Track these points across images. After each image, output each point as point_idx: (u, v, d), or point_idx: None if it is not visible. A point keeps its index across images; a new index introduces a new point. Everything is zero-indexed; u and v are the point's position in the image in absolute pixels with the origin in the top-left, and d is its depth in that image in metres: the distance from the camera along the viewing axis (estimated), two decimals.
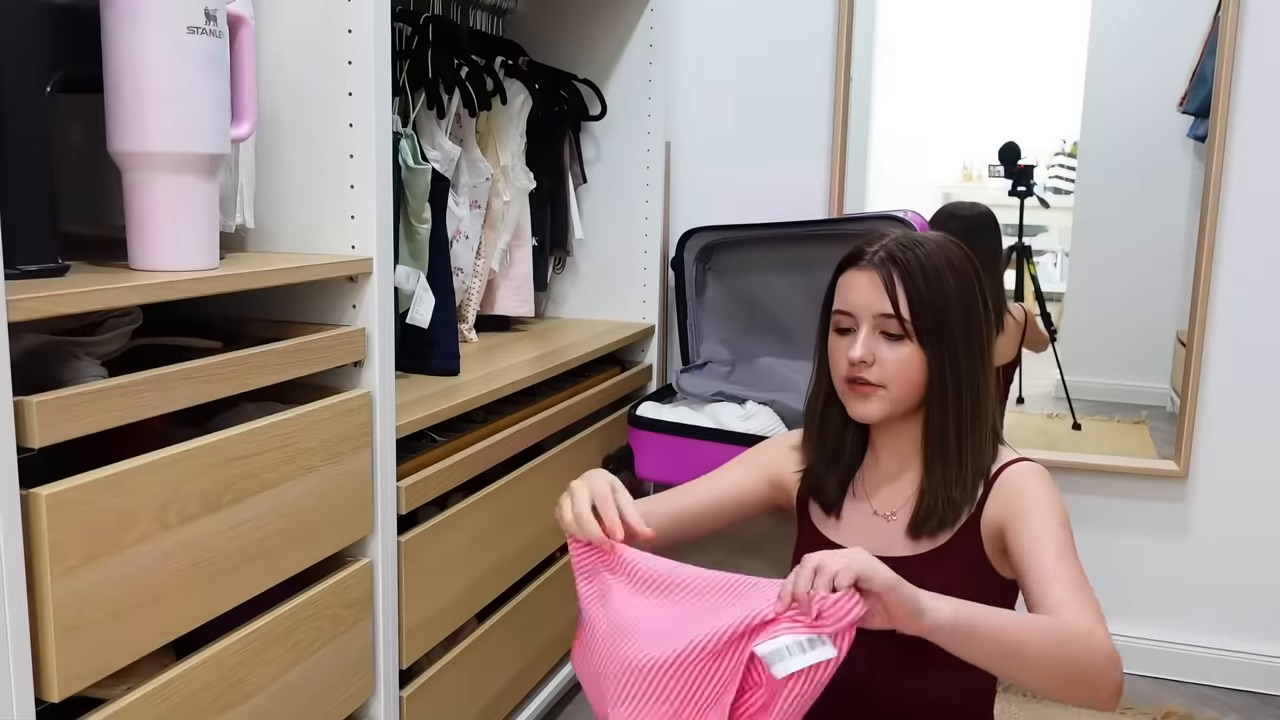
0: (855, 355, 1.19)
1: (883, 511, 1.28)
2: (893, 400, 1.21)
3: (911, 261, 1.19)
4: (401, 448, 1.42)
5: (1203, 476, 2.21)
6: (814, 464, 1.34)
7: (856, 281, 1.21)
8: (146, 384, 1.01)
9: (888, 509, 1.28)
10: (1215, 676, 2.24)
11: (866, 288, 1.20)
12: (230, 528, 1.11)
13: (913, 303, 1.18)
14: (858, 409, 1.23)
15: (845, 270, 1.24)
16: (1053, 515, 1.20)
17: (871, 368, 1.20)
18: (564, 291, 2.39)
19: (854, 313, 1.21)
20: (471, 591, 1.60)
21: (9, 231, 0.95)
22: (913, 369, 1.20)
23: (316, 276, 1.25)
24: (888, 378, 1.20)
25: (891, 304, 1.19)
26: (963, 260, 1.22)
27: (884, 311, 1.19)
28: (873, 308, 1.20)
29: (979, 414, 1.23)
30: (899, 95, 2.38)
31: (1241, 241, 2.12)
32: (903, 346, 1.19)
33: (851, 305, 1.21)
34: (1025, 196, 2.32)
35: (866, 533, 1.29)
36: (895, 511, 1.27)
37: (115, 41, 1.05)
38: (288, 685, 1.22)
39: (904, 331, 1.19)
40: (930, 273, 1.19)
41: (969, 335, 1.21)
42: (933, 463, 1.24)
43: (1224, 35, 2.06)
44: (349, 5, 1.28)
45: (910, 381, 1.21)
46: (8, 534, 0.87)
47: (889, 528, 1.27)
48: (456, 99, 1.87)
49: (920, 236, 1.23)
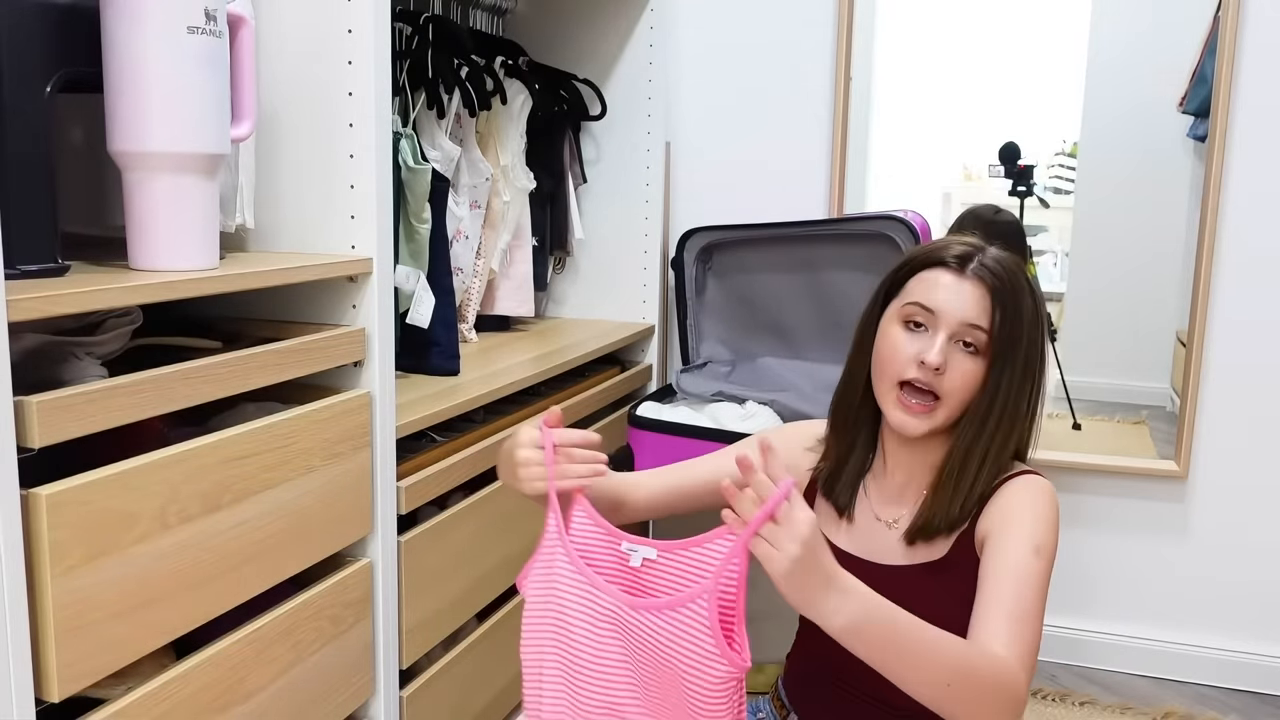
0: (933, 360, 1.14)
1: (885, 518, 1.26)
2: (944, 418, 1.17)
3: (1006, 280, 1.16)
4: (401, 448, 1.42)
5: (1203, 477, 2.21)
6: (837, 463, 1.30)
7: (950, 284, 1.17)
8: (146, 384, 1.01)
9: (890, 516, 1.26)
10: (1215, 676, 2.24)
11: (962, 294, 1.16)
12: (230, 528, 1.11)
13: (1005, 323, 1.15)
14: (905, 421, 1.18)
15: (931, 268, 1.19)
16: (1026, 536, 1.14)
17: (941, 376, 1.16)
18: (564, 291, 2.39)
19: (939, 313, 1.16)
20: (471, 591, 1.60)
21: (9, 231, 0.95)
22: (974, 388, 1.17)
23: (316, 276, 1.25)
24: (950, 391, 1.16)
25: (988, 319, 1.15)
26: (1034, 284, 1.20)
27: (975, 323, 1.15)
28: (964, 316, 1.15)
29: (1009, 439, 1.20)
30: (899, 95, 2.38)
31: (1241, 241, 2.12)
32: (973, 362, 1.16)
33: (939, 305, 1.16)
34: (1025, 196, 2.32)
35: (872, 538, 1.27)
36: (897, 520, 1.25)
37: (115, 41, 1.05)
38: (288, 685, 1.22)
39: (979, 349, 1.16)
40: (1019, 293, 1.17)
41: (1029, 364, 1.18)
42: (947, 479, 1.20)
43: (1224, 35, 2.06)
44: (349, 5, 1.28)
45: (966, 399, 1.17)
46: (8, 534, 0.87)
47: (890, 535, 1.25)
48: (456, 99, 1.87)
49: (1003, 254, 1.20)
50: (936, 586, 1.21)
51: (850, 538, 1.28)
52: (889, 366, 1.18)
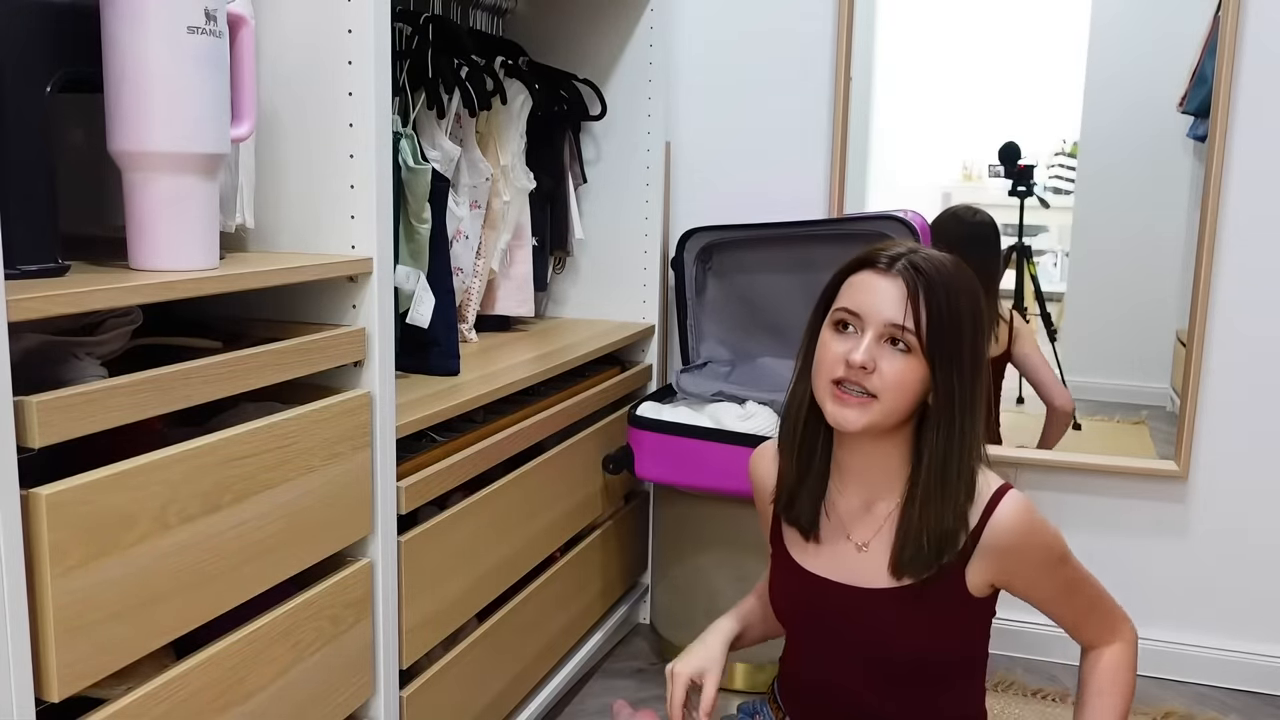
0: (858, 359, 1.15)
1: (856, 539, 1.25)
2: (881, 413, 1.16)
3: (934, 278, 1.15)
4: (401, 448, 1.42)
5: (1203, 476, 2.21)
6: (791, 481, 1.29)
7: (873, 285, 1.17)
8: (146, 384, 1.01)
9: (860, 538, 1.24)
10: (1215, 676, 2.24)
11: (884, 293, 1.16)
12: (230, 528, 1.11)
13: (931, 320, 1.14)
14: (840, 414, 1.17)
15: (858, 271, 1.20)
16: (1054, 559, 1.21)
17: (870, 375, 1.15)
18: (564, 291, 2.39)
19: (863, 315, 1.17)
20: (471, 591, 1.61)
21: (9, 231, 0.95)
22: (910, 385, 1.16)
23: (316, 276, 1.25)
24: (883, 389, 1.15)
25: (912, 316, 1.14)
26: (973, 283, 1.19)
27: (897, 321, 1.15)
28: (886, 315, 1.15)
29: (979, 439, 1.20)
30: (899, 95, 2.38)
31: (1241, 241, 2.12)
32: (904, 360, 1.15)
33: (862, 307, 1.17)
34: (1025, 196, 2.32)
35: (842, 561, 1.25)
36: (867, 542, 1.24)
37: (115, 41, 1.05)
38: (288, 685, 1.22)
39: (909, 346, 1.15)
40: (950, 292, 1.16)
41: (975, 361, 1.18)
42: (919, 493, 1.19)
43: (1224, 35, 2.06)
44: (349, 5, 1.28)
45: (903, 398, 1.16)
46: (8, 534, 0.87)
47: (862, 558, 1.24)
48: (456, 99, 1.87)
49: (937, 254, 1.19)
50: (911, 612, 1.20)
51: (820, 560, 1.27)
52: (821, 369, 1.20)
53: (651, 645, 2.29)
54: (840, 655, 1.26)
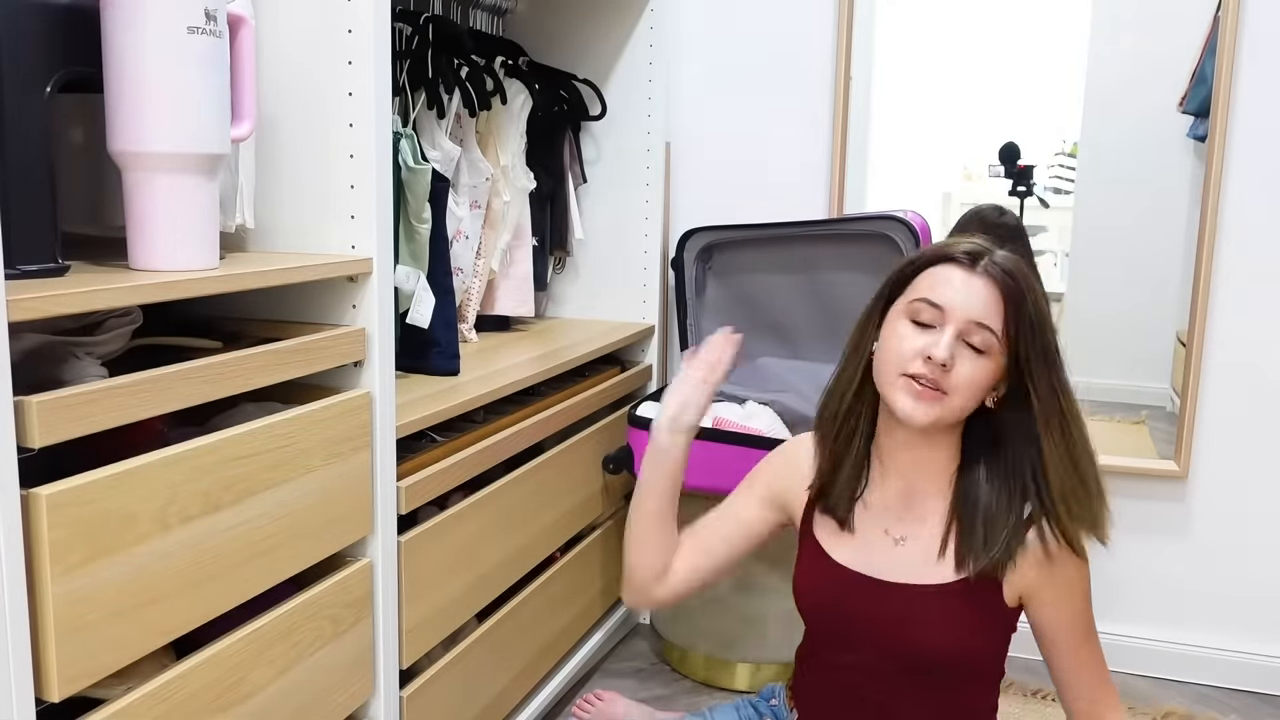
0: (940, 355, 1.12)
1: (893, 534, 1.24)
2: (950, 411, 1.15)
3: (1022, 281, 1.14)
4: (401, 448, 1.42)
5: (1203, 476, 2.21)
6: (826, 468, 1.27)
7: (960, 281, 1.15)
8: (146, 384, 1.01)
9: (898, 532, 1.23)
10: (1215, 676, 2.24)
11: (973, 292, 1.14)
12: (230, 528, 1.11)
13: (1023, 325, 1.13)
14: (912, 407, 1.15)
15: (942, 264, 1.17)
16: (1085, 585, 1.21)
17: (947, 373, 1.13)
18: (564, 291, 2.39)
19: (946, 310, 1.14)
20: (471, 591, 1.61)
21: (9, 231, 0.95)
22: (980, 386, 1.15)
23: (316, 276, 1.25)
24: (955, 388, 1.14)
25: (1001, 318, 1.13)
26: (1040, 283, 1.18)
27: (984, 321, 1.13)
28: (972, 314, 1.13)
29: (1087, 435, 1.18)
30: (899, 95, 2.38)
31: (1241, 241, 2.12)
32: (979, 362, 1.14)
33: (947, 302, 1.14)
34: (1025, 196, 2.32)
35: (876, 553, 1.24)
36: (904, 536, 1.23)
37: (115, 41, 1.05)
38: (288, 685, 1.22)
39: (987, 348, 1.14)
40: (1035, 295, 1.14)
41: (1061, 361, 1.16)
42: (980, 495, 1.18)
43: (1224, 35, 2.06)
44: (349, 5, 1.28)
45: (972, 398, 1.15)
46: (8, 534, 0.87)
47: (899, 552, 1.23)
48: (456, 99, 1.87)
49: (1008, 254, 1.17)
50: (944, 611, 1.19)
51: (853, 552, 1.26)
52: (893, 359, 1.16)
53: (651, 645, 2.29)
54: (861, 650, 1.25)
